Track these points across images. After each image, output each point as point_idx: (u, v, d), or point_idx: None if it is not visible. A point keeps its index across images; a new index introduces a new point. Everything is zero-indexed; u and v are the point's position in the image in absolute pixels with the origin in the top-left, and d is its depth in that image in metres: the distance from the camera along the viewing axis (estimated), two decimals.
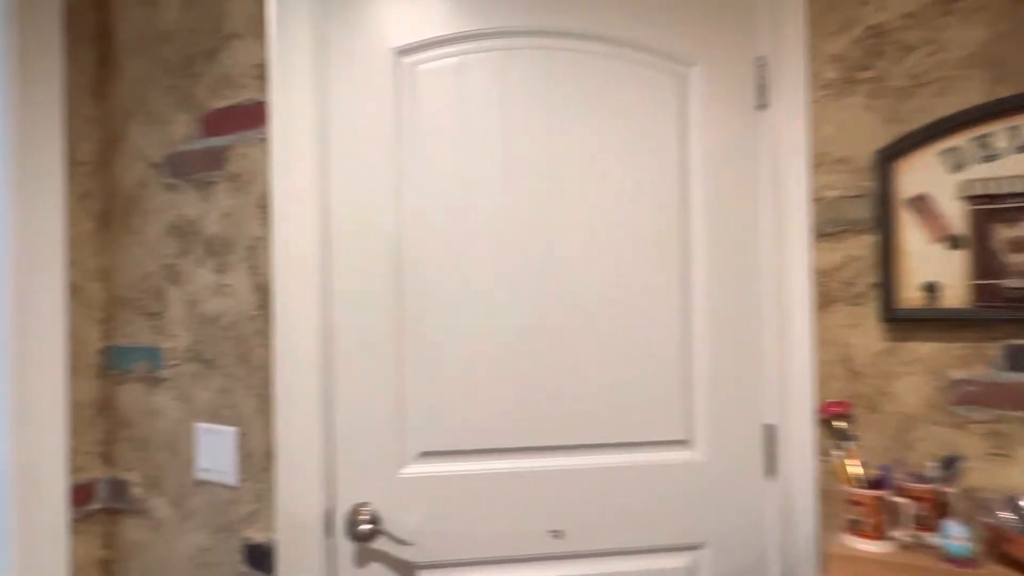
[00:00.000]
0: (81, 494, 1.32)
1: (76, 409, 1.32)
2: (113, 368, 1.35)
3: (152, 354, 1.30)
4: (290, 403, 1.15)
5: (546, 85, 1.21)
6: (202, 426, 1.24)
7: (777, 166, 1.25)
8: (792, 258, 1.23)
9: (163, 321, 1.29)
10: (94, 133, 1.37)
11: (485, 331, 1.19)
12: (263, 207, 1.18)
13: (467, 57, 1.20)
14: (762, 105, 1.26)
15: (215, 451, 1.22)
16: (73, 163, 1.33)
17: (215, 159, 1.22)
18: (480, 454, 1.20)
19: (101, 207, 1.37)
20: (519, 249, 1.20)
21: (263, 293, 1.18)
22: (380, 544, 1.17)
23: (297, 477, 1.15)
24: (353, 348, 1.17)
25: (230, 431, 1.20)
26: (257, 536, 1.18)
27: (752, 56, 1.26)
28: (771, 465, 1.26)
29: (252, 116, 1.19)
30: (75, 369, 1.32)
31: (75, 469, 1.31)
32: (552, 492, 1.21)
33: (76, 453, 1.31)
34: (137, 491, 1.32)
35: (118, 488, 1.34)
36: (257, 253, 1.19)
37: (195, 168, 1.25)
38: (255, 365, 1.19)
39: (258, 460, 1.18)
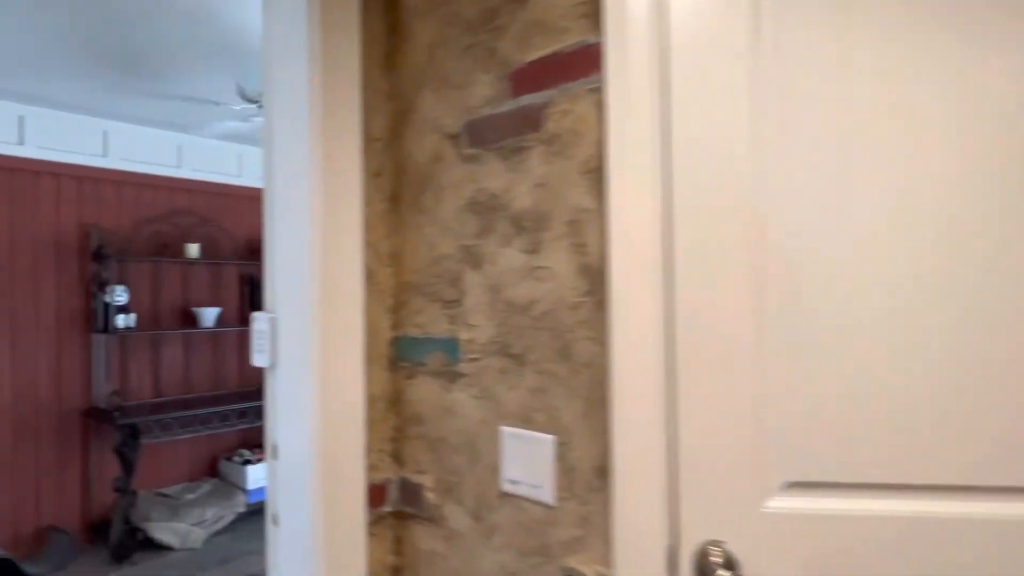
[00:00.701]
0: (375, 494, 1.23)
1: (369, 403, 1.23)
2: (404, 360, 1.25)
3: (449, 346, 1.17)
4: (626, 411, 0.94)
5: None
6: (509, 430, 1.07)
7: None
8: None
9: (461, 309, 1.15)
10: (385, 107, 1.27)
11: (879, 324, 0.89)
12: (590, 172, 0.98)
13: None
14: None
15: (526, 461, 1.05)
16: (367, 140, 1.24)
17: (528, 120, 1.05)
18: (873, 490, 0.90)
19: (391, 185, 1.28)
20: (927, 223, 0.88)
21: (590, 276, 0.98)
22: None
23: (634, 502, 0.94)
24: (697, 344, 0.93)
25: (547, 439, 1.02)
26: (584, 568, 0.98)
27: None
28: None
29: (577, 63, 0.99)
30: (367, 360, 1.23)
31: (369, 467, 1.22)
32: (983, 549, 0.87)
33: (369, 450, 1.23)
34: (431, 496, 1.20)
35: (410, 491, 1.24)
36: (581, 228, 0.99)
37: (501, 134, 1.09)
38: (580, 362, 0.99)
39: (582, 476, 0.99)
